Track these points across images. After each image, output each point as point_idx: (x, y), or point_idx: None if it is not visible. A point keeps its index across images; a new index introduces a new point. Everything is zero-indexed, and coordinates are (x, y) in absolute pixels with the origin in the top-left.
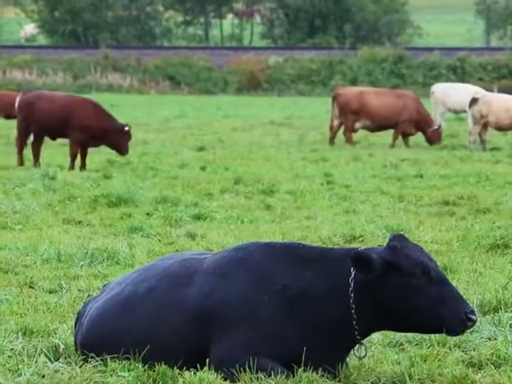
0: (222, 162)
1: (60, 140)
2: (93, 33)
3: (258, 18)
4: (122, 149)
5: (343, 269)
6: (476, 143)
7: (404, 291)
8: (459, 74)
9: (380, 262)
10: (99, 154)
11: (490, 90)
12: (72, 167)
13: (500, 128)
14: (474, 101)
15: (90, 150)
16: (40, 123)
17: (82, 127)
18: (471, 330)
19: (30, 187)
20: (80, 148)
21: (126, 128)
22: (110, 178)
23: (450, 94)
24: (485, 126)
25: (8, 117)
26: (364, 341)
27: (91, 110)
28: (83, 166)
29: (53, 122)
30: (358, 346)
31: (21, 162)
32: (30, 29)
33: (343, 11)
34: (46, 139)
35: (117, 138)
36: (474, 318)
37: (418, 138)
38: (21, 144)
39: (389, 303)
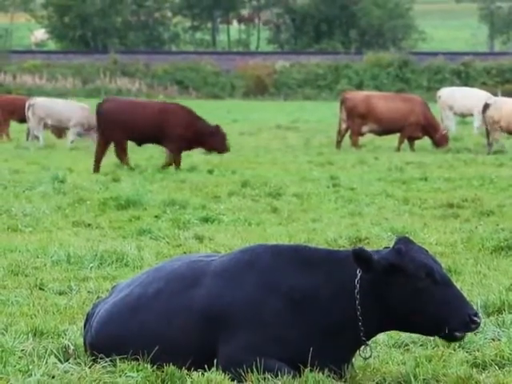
0: (229, 165)
1: (63, 144)
2: (102, 38)
3: (259, 24)
4: (219, 149)
5: (349, 271)
6: (498, 145)
7: (409, 293)
8: (463, 78)
9: (382, 263)
10: (107, 158)
11: (494, 94)
12: (178, 166)
13: (511, 132)
14: (486, 107)
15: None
16: (134, 129)
17: (178, 134)
18: (475, 331)
19: (40, 190)
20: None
21: (216, 129)
22: (118, 180)
23: (457, 98)
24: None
25: (22, 121)
26: (369, 342)
27: (186, 116)
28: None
29: (148, 128)
30: (363, 346)
31: (98, 169)
32: (39, 34)
33: (349, 17)
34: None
35: (211, 139)
36: (478, 320)
37: (423, 141)
38: (103, 151)
39: (393, 305)
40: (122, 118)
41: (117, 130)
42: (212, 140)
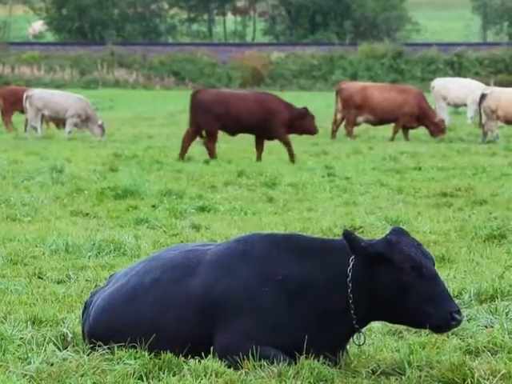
0: (225, 155)
1: (62, 134)
2: (99, 30)
3: (255, 15)
4: (311, 131)
5: (342, 259)
6: (497, 136)
7: (393, 284)
8: (456, 68)
9: (369, 250)
10: (105, 148)
11: (486, 84)
12: (293, 159)
13: (509, 121)
14: (483, 97)
15: (97, 143)
16: (234, 119)
17: (282, 122)
18: (456, 327)
19: (39, 180)
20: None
21: (305, 111)
22: (116, 171)
23: (451, 88)
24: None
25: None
26: (363, 329)
27: (281, 102)
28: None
29: (249, 118)
30: (357, 333)
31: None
32: (37, 26)
33: (343, 8)
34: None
35: (302, 123)
36: (458, 317)
37: (417, 131)
38: (190, 140)
39: (380, 294)
40: (221, 109)
41: (213, 120)
42: (303, 123)
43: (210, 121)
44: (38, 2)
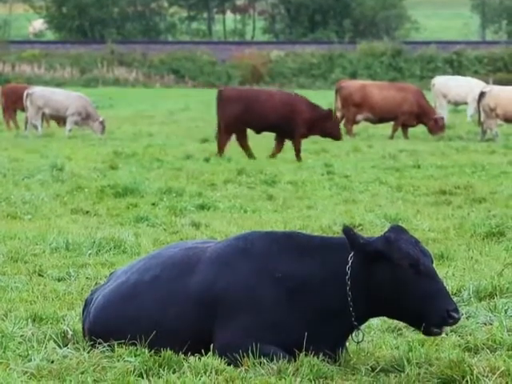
0: (225, 153)
1: (62, 133)
2: (99, 28)
3: (254, 14)
4: (335, 134)
5: (342, 257)
6: (496, 134)
7: (391, 281)
8: (456, 67)
9: (367, 248)
10: (105, 146)
11: (485, 82)
12: (299, 159)
13: (508, 120)
14: (482, 95)
15: (97, 141)
16: (261, 118)
17: (303, 121)
18: (454, 324)
19: (39, 178)
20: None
21: (330, 113)
22: (116, 169)
23: (451, 86)
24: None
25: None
26: (362, 326)
27: (308, 103)
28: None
29: (275, 116)
30: (355, 330)
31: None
32: (38, 24)
33: (343, 7)
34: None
35: (327, 125)
36: (456, 316)
37: (416, 129)
38: (227, 138)
39: (379, 291)
40: (245, 106)
41: (236, 117)
42: (328, 125)
43: (232, 117)
44: (38, 0)
